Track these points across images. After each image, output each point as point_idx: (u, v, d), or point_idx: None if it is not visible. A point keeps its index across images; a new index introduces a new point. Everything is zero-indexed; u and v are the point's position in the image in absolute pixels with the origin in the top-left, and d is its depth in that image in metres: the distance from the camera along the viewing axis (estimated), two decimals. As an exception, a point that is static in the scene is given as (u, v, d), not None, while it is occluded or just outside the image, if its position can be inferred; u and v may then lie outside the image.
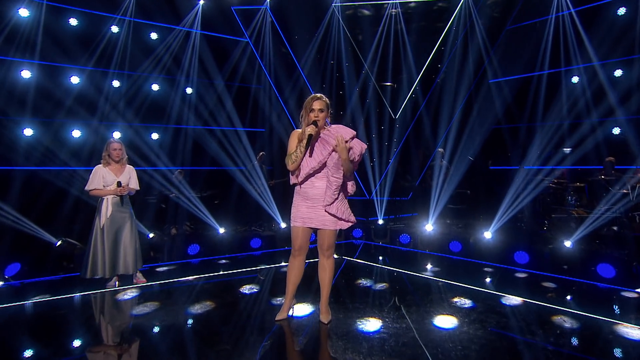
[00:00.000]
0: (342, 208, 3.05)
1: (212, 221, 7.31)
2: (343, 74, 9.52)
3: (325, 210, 3.01)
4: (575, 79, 8.05)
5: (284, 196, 8.19)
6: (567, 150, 7.58)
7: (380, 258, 6.42)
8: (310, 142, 2.90)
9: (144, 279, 5.07)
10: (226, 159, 8.54)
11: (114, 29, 7.61)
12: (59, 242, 5.80)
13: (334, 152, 2.94)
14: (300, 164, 2.98)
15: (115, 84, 7.72)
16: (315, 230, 3.16)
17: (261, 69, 9.19)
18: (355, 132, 3.02)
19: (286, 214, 7.63)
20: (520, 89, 8.52)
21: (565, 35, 7.78)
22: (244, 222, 8.07)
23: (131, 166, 4.83)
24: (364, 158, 8.42)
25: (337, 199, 3.02)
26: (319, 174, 3.01)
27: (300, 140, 2.96)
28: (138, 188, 4.82)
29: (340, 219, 3.09)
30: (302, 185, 3.05)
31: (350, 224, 3.14)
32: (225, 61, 8.86)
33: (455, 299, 4.23)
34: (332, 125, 3.06)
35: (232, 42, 8.96)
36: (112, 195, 4.64)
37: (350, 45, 9.44)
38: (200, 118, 8.65)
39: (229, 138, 8.60)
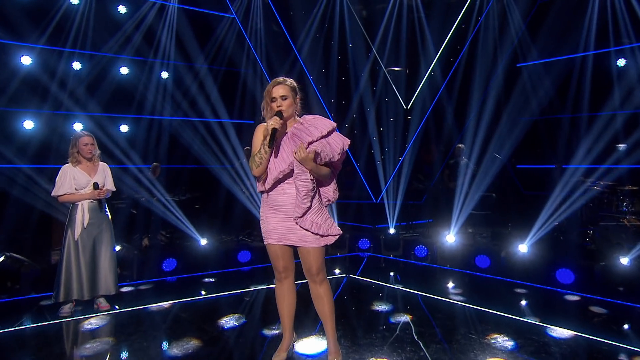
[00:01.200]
0: (319, 221, 2.83)
1: (192, 230, 7.17)
2: (347, 57, 9.41)
3: (296, 223, 2.82)
4: (621, 62, 7.86)
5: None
6: (623, 146, 7.37)
7: (392, 275, 6.30)
8: (275, 138, 2.71)
9: (107, 305, 4.74)
10: (209, 155, 8.43)
11: (73, 0, 7.43)
12: (2, 258, 5.37)
13: (312, 148, 2.74)
14: (266, 167, 2.80)
15: (76, 66, 7.53)
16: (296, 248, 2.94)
17: (251, 51, 9.13)
18: (334, 125, 2.82)
19: None
20: (560, 74, 8.33)
21: (614, 7, 7.58)
22: (230, 231, 7.93)
23: (104, 163, 4.66)
24: (360, 155, 8.32)
25: (310, 208, 2.80)
26: (290, 179, 2.83)
27: (264, 137, 2.78)
28: (114, 189, 4.69)
29: (322, 235, 2.86)
30: (270, 193, 2.87)
31: (336, 238, 2.90)
32: (208, 40, 8.76)
33: (492, 335, 3.89)
34: (306, 116, 2.88)
35: (216, 18, 8.86)
36: (88, 200, 4.46)
37: (355, 22, 9.39)
38: (179, 108, 8.56)
39: (213, 131, 8.51)
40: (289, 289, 3.02)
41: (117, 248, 6.46)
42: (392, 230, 8.08)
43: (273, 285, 5.50)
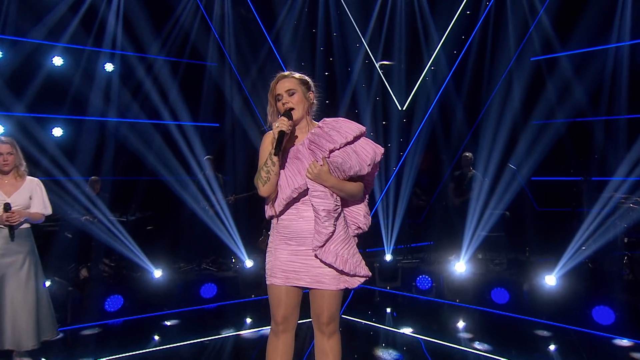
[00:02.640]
0: (345, 254, 2.70)
1: (143, 258, 7.05)
2: (331, 49, 9.48)
3: (316, 256, 2.68)
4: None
5: (250, 219, 8.15)
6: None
7: (389, 312, 6.31)
8: (283, 144, 2.62)
9: (27, 363, 4.29)
10: (165, 166, 8.37)
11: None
12: None
13: (332, 159, 2.63)
14: (276, 184, 2.69)
15: (-6, 54, 7.41)
16: (306, 290, 2.82)
17: (217, 41, 9.20)
18: (363, 129, 2.71)
19: (253, 245, 7.71)
20: (585, 68, 8.23)
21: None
22: (190, 258, 7.90)
23: (35, 179, 4.33)
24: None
25: (333, 235, 2.67)
26: (306, 198, 2.72)
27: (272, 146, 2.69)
28: (48, 212, 4.34)
29: (345, 273, 2.72)
30: (281, 218, 2.76)
31: (362, 280, 2.77)
32: (165, 25, 8.66)
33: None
34: (327, 119, 2.76)
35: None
36: (-5, 227, 4.11)
37: (342, 7, 9.41)
38: (128, 107, 8.45)
39: (171, 136, 8.45)
40: (285, 348, 2.81)
41: (47, 283, 6.04)
42: (388, 257, 7.96)
43: (248, 331, 5.52)
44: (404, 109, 9.78)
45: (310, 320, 2.76)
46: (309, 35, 9.38)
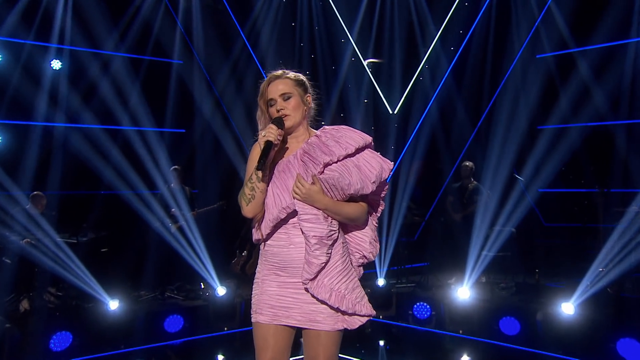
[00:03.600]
0: (343, 289, 2.63)
1: (97, 287, 6.90)
2: (313, 44, 9.56)
3: (306, 289, 2.64)
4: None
5: (221, 237, 8.10)
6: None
7: (382, 345, 6.35)
8: (270, 157, 2.60)
9: None
10: (123, 178, 8.29)
11: None
12: None
13: (327, 175, 2.58)
14: (262, 203, 2.66)
15: None
16: (299, 330, 2.78)
17: (183, 35, 9.26)
18: (368, 139, 2.69)
19: (225, 268, 7.65)
20: (602, 66, 8.29)
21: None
22: (152, 285, 7.78)
23: None
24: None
25: (326, 266, 2.61)
26: (297, 220, 2.68)
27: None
28: None
29: (343, 312, 2.65)
30: (268, 243, 2.72)
31: (363, 321, 2.67)
32: (123, 17, 8.61)
33: None
34: (327, 127, 2.76)
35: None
36: None
37: None
38: (78, 111, 8.34)
39: (131, 144, 8.44)
40: None
41: (-21, 319, 6.17)
42: (381, 281, 7.87)
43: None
44: (395, 112, 9.88)
45: None
46: (288, 29, 9.48)
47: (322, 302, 2.62)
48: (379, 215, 2.87)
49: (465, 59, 9.59)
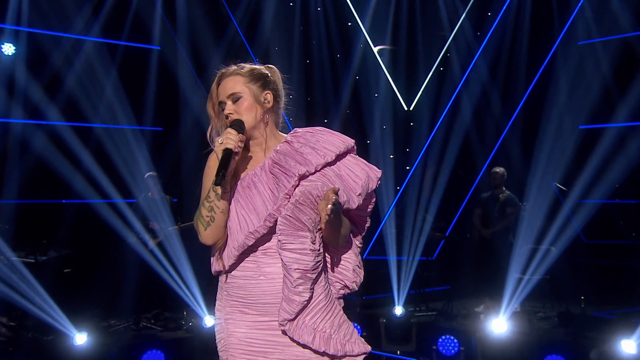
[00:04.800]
0: (328, 327, 2.61)
1: (59, 316, 6.75)
2: (310, 29, 9.58)
3: (283, 332, 2.58)
4: None
5: (208, 255, 7.61)
6: None
7: None
8: (230, 169, 2.55)
9: None
10: (92, 185, 8.27)
11: None
12: None
13: (296, 191, 2.53)
14: (224, 227, 2.61)
15: None
16: None
17: (162, 17, 9.21)
18: (349, 143, 2.67)
19: (214, 294, 7.42)
20: None
21: None
22: (124, 314, 7.73)
23: None
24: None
25: (308, 303, 2.57)
26: (270, 248, 2.60)
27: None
28: None
29: (332, 356, 2.62)
30: (231, 275, 2.64)
31: None
32: None
33: None
34: (299, 130, 2.73)
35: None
36: None
37: None
38: (38, 106, 8.24)
39: (101, 144, 8.43)
40: None
41: None
42: (399, 310, 7.73)
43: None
44: (411, 109, 9.91)
45: None
46: (284, 10, 9.45)
47: (306, 347, 2.56)
48: (363, 234, 2.82)
49: (494, 47, 9.66)
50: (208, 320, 7.21)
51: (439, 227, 9.25)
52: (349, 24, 9.59)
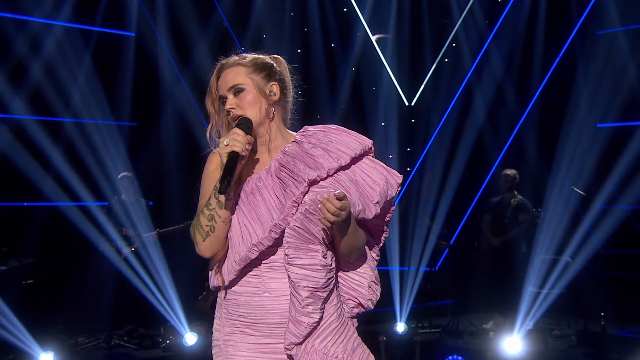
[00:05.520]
0: (340, 352, 2.50)
1: (21, 333, 6.66)
2: (306, 15, 9.64)
3: (290, 357, 2.49)
4: None
5: (188, 265, 8.04)
6: None
7: None
8: (236, 174, 2.46)
9: None
10: (59, 186, 8.16)
11: None
12: None
13: (306, 199, 2.40)
14: (225, 237, 2.53)
15: None
16: None
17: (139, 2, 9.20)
18: (367, 143, 2.54)
19: (196, 307, 7.66)
20: None
21: None
22: (95, 329, 7.75)
23: None
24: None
25: (318, 325, 2.45)
26: (276, 261, 2.49)
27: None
28: None
29: None
30: (231, 291, 2.57)
31: None
32: None
33: None
34: (309, 128, 2.60)
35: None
36: None
37: None
38: (0, 98, 8.11)
39: (69, 141, 8.34)
40: None
41: None
42: (401, 327, 7.78)
43: None
44: (412, 104, 9.96)
45: None
46: None
47: None
48: (380, 246, 2.74)
49: (506, 35, 9.70)
50: (189, 338, 7.14)
51: (443, 234, 9.28)
52: (345, 9, 9.66)
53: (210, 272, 2.64)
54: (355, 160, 2.51)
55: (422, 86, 9.94)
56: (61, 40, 8.48)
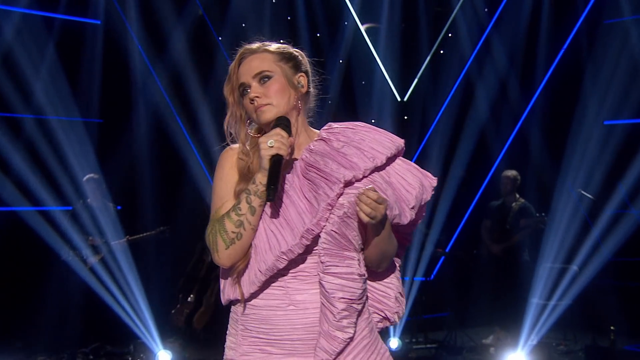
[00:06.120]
0: None
1: None
2: (290, 2, 9.77)
3: None
4: None
5: (162, 274, 8.24)
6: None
7: None
8: (280, 179, 2.33)
9: None
10: (18, 189, 8.17)
11: None
12: None
13: (343, 202, 2.28)
14: (249, 246, 2.42)
15: None
16: None
17: None
18: (399, 143, 2.42)
19: (168, 322, 7.83)
20: None
21: None
22: (58, 346, 7.65)
23: None
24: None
25: (352, 340, 2.32)
26: (303, 271, 2.39)
27: (247, 178, 2.43)
28: None
29: None
30: (252, 304, 2.46)
31: None
32: None
33: None
34: (334, 125, 2.47)
35: None
36: None
37: None
38: None
39: (34, 140, 8.35)
40: None
41: None
42: (394, 343, 7.70)
43: None
44: (405, 99, 10.08)
45: None
46: None
47: None
48: (403, 255, 2.71)
49: (504, 25, 9.77)
50: (162, 356, 7.09)
51: (438, 241, 9.33)
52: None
53: (223, 284, 2.57)
54: (390, 160, 2.43)
55: (416, 80, 10.09)
56: (20, 29, 8.38)
